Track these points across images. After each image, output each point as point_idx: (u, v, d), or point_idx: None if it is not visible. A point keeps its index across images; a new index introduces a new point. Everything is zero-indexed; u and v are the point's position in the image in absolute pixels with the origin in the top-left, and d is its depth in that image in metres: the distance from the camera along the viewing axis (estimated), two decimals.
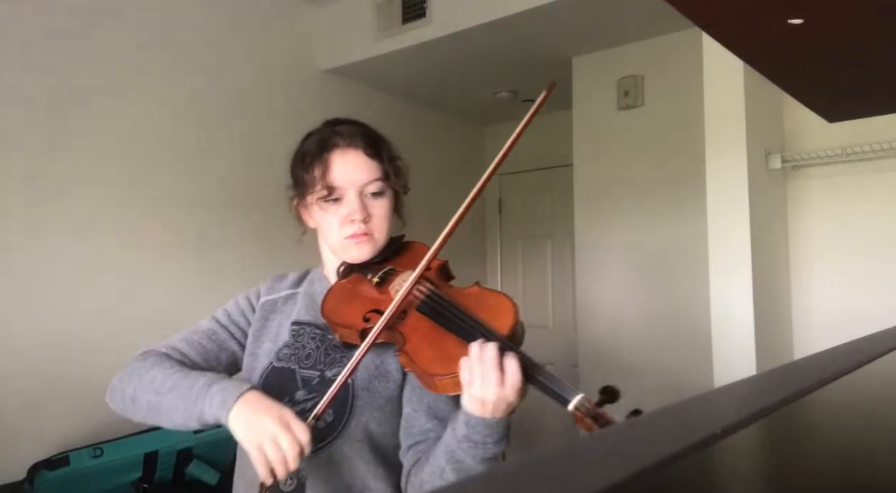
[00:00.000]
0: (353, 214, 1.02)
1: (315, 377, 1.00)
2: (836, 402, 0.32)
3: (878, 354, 0.43)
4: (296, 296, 1.13)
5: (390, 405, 0.98)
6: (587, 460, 0.21)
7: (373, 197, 1.04)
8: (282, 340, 1.06)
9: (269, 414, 0.84)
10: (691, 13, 0.54)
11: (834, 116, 0.95)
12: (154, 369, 0.98)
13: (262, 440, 0.83)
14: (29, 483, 1.87)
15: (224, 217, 2.67)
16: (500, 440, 0.87)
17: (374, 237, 1.04)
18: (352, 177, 1.02)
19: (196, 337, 1.08)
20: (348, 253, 1.05)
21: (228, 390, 0.89)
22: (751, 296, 2.06)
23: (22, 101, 2.11)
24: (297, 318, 1.08)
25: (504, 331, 0.87)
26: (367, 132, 1.07)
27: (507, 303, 0.92)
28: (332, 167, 1.02)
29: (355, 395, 0.97)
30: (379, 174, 1.04)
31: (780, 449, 0.25)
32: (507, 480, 0.20)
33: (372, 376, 0.99)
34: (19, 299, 2.08)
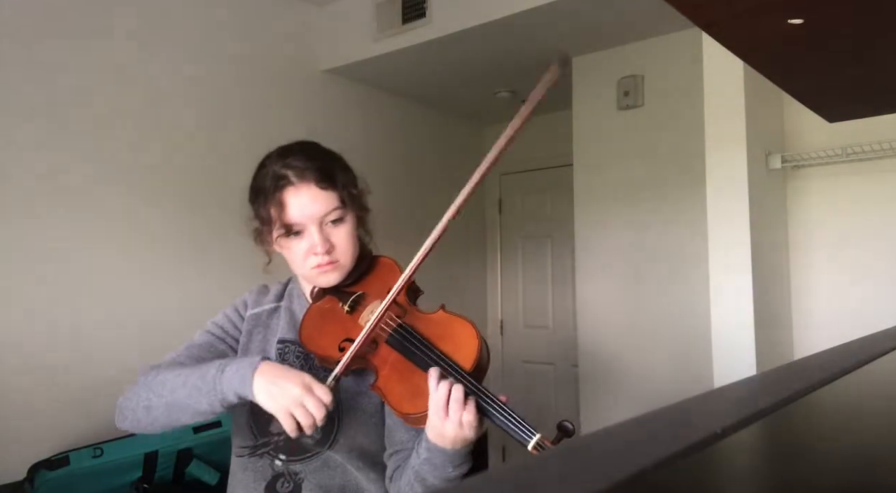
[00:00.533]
0: (314, 248, 1.02)
1: None
2: (836, 402, 0.32)
3: (878, 354, 0.43)
4: (279, 310, 1.14)
5: (374, 419, 1.03)
6: (587, 460, 0.21)
7: (333, 225, 1.04)
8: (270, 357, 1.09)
9: (291, 380, 0.88)
10: (691, 13, 0.54)
11: (834, 116, 0.95)
12: (160, 375, 1.00)
13: (289, 405, 0.87)
14: (29, 483, 1.87)
15: (224, 218, 2.67)
16: (461, 464, 0.92)
17: (339, 264, 1.05)
18: (308, 212, 1.02)
19: (195, 351, 1.10)
20: (317, 281, 1.07)
21: (243, 368, 0.92)
22: (751, 296, 2.06)
23: (21, 102, 2.11)
24: (282, 336, 1.10)
25: (467, 365, 0.91)
26: (318, 164, 1.04)
27: (470, 332, 0.95)
28: (286, 206, 1.02)
29: (340, 415, 1.01)
30: (336, 203, 1.03)
31: (780, 449, 0.25)
32: (507, 480, 0.20)
33: (355, 395, 1.03)
34: (19, 300, 2.08)
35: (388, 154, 3.42)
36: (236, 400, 0.92)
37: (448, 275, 3.83)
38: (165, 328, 2.41)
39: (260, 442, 1.04)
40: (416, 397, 0.91)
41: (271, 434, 1.04)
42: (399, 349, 0.96)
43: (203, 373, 0.95)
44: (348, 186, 1.07)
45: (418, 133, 3.69)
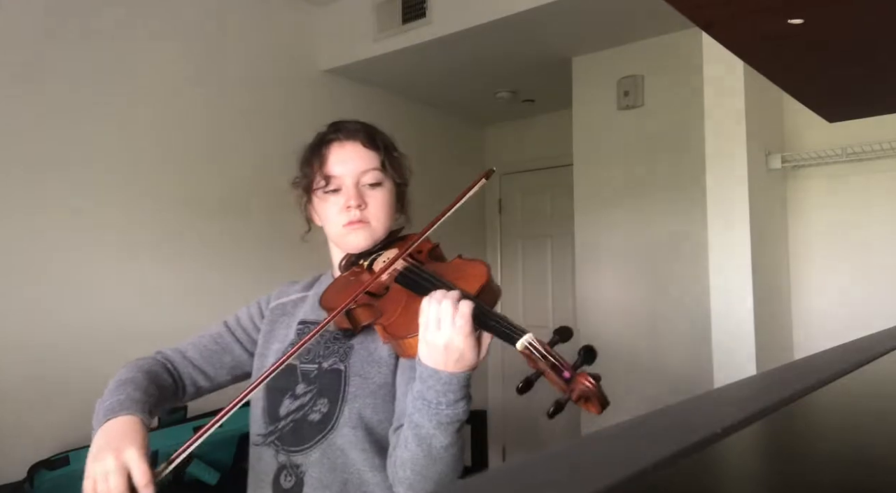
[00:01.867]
0: (348, 201, 1.04)
1: (314, 370, 1.02)
2: (836, 402, 0.32)
3: (878, 354, 0.43)
4: (306, 298, 1.16)
5: (383, 391, 0.98)
6: (587, 460, 0.21)
7: (371, 188, 1.06)
8: (289, 339, 1.09)
9: (114, 450, 0.82)
10: (691, 13, 0.54)
11: (834, 116, 0.95)
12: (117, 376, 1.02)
13: (95, 471, 0.81)
14: (29, 483, 1.87)
15: (225, 218, 2.67)
16: (457, 400, 0.85)
17: (370, 225, 1.06)
18: (348, 166, 1.05)
19: (203, 340, 1.13)
20: (347, 241, 1.07)
21: (103, 414, 0.90)
22: (751, 296, 2.06)
23: (25, 103, 2.11)
24: (304, 317, 1.11)
25: (473, 290, 0.89)
26: (366, 127, 1.10)
27: (480, 266, 0.96)
28: (329, 158, 1.06)
29: (347, 381, 0.98)
30: (376, 164, 1.07)
31: (780, 449, 0.25)
32: (508, 480, 0.20)
33: (364, 362, 1.00)
34: (20, 300, 2.08)
35: None
36: None
37: None
38: (166, 329, 2.41)
39: (270, 429, 1.03)
40: (412, 320, 0.87)
41: (279, 420, 1.02)
42: (405, 284, 0.96)
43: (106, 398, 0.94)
44: (391, 151, 1.10)
45: (418, 133, 3.69)
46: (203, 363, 1.12)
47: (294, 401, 1.01)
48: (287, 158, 1.15)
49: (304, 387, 1.02)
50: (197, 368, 1.11)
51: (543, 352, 0.80)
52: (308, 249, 1.20)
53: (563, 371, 0.78)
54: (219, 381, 1.14)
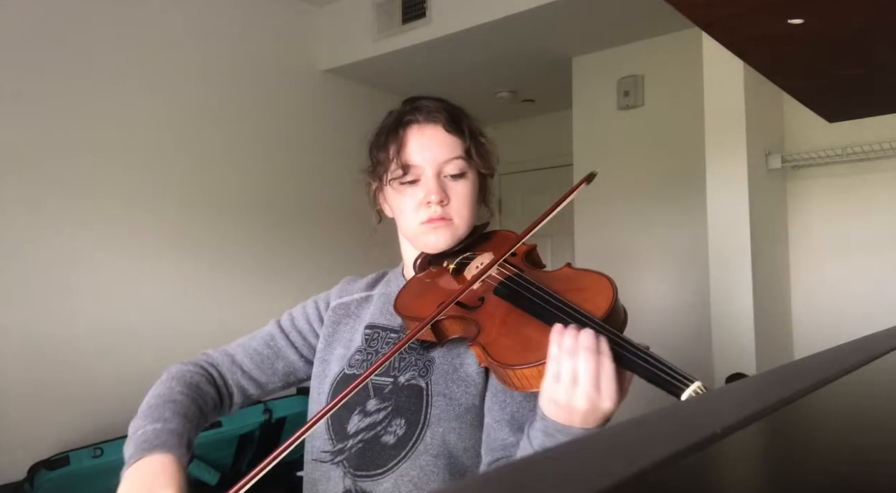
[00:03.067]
0: (428, 195, 0.91)
1: (388, 385, 0.89)
2: (836, 402, 0.32)
3: (878, 354, 0.43)
4: (370, 298, 1.03)
5: (470, 415, 0.84)
6: (587, 460, 0.21)
7: (453, 179, 0.93)
8: (354, 345, 0.97)
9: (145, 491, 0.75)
10: (691, 13, 0.54)
11: (834, 116, 0.95)
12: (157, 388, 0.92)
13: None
14: (29, 483, 1.87)
15: (225, 218, 2.67)
16: None
17: (453, 223, 0.93)
18: (429, 154, 0.92)
19: (254, 343, 1.02)
20: (425, 240, 0.94)
21: (136, 446, 0.82)
22: (751, 296, 2.05)
23: (25, 103, 2.11)
24: (372, 321, 0.98)
25: (598, 313, 0.72)
26: (449, 106, 0.98)
27: (604, 282, 0.78)
28: (407, 144, 0.93)
29: (430, 402, 0.85)
30: (460, 152, 0.94)
31: (780, 449, 0.25)
32: (508, 480, 0.20)
33: (449, 380, 0.86)
34: (20, 300, 2.08)
35: None
36: None
37: None
38: (166, 330, 2.41)
39: (338, 448, 0.90)
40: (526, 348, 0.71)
41: (347, 438, 0.89)
42: (509, 298, 0.78)
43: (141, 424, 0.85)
44: (477, 137, 0.97)
45: None
46: (254, 369, 1.00)
47: (365, 418, 0.88)
48: (288, 157, 1.12)
49: (376, 403, 0.88)
50: (246, 374, 1.00)
51: None
52: (315, 247, 1.16)
53: None
54: (270, 388, 1.03)
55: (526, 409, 0.83)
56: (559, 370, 0.66)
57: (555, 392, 0.67)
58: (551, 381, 0.67)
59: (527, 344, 0.72)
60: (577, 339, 0.67)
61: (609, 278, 0.79)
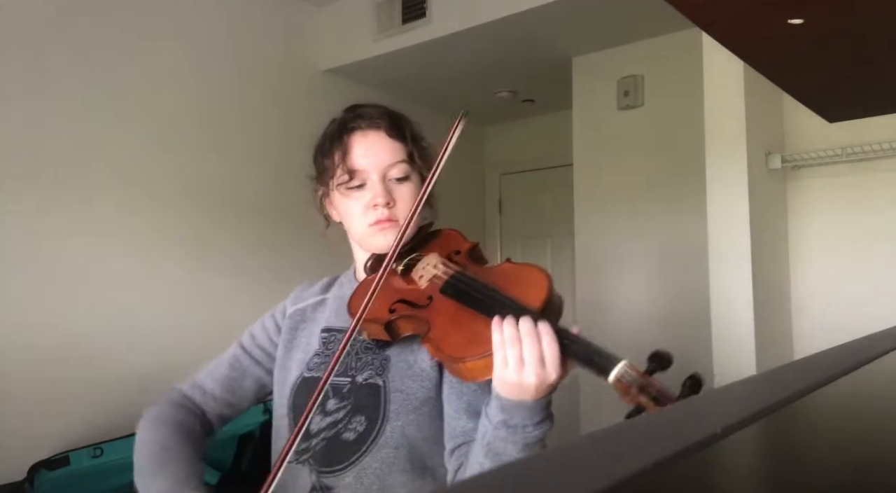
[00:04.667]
0: (375, 199, 0.95)
1: (346, 384, 0.94)
2: (836, 402, 0.32)
3: (878, 354, 0.43)
4: (325, 302, 1.07)
5: (427, 407, 0.90)
6: (587, 460, 0.21)
7: (397, 182, 0.98)
8: (312, 349, 1.01)
9: None
10: (691, 13, 0.54)
11: (834, 116, 0.95)
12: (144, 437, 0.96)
13: None
14: (29, 483, 1.87)
15: (225, 218, 2.67)
16: (543, 420, 0.78)
17: (399, 224, 0.96)
18: (373, 159, 0.96)
19: (221, 369, 1.05)
20: (373, 242, 0.98)
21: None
22: (751, 296, 2.05)
23: (24, 104, 2.11)
24: (328, 324, 1.02)
25: (536, 304, 0.78)
26: (390, 113, 1.01)
27: (539, 274, 0.84)
28: (352, 150, 0.97)
29: (388, 398, 0.90)
30: (403, 156, 0.98)
31: (780, 449, 0.25)
32: (507, 480, 0.20)
33: (404, 376, 0.91)
34: (20, 300, 2.07)
35: None
36: None
37: None
38: (165, 330, 2.41)
39: (302, 447, 0.94)
40: (473, 341, 0.78)
41: (311, 437, 0.93)
42: (455, 296, 0.84)
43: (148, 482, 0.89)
44: (418, 141, 1.01)
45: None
46: (225, 395, 1.04)
47: (326, 418, 0.93)
48: (288, 158, 1.12)
49: (336, 403, 0.93)
50: (219, 401, 1.04)
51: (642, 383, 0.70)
52: (309, 248, 1.17)
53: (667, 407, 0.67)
54: (244, 406, 1.08)
55: (481, 397, 0.88)
56: (506, 355, 0.74)
57: (505, 375, 0.74)
58: (500, 366, 0.74)
59: (474, 338, 0.79)
60: (516, 327, 0.74)
61: (544, 270, 0.85)
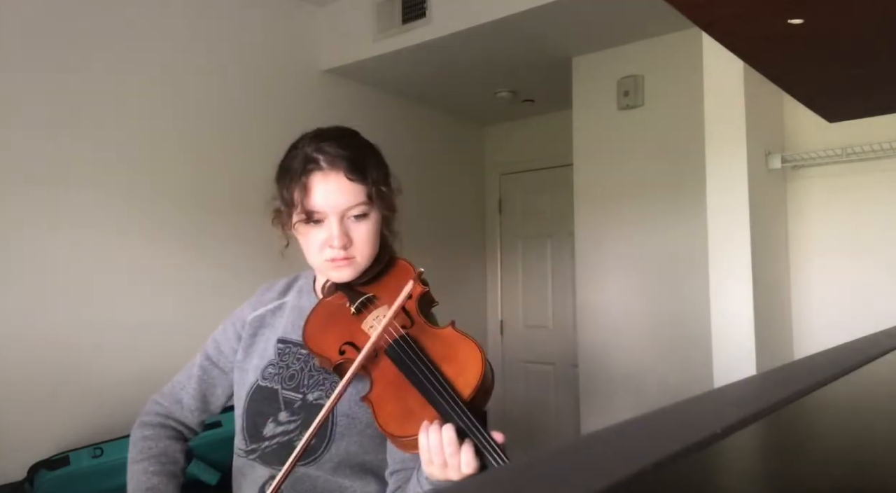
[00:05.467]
0: (331, 240, 0.97)
1: (297, 400, 1.01)
2: (836, 402, 0.32)
3: (878, 354, 0.43)
4: (283, 307, 1.12)
5: (371, 430, 0.97)
6: (587, 460, 0.21)
7: (356, 219, 0.99)
8: (268, 357, 1.06)
9: None
10: (691, 13, 0.54)
11: (834, 116, 0.95)
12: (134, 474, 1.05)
13: None
14: (29, 483, 1.87)
15: (225, 218, 2.67)
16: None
17: (355, 260, 1.00)
18: (332, 202, 0.97)
19: (192, 383, 1.12)
20: (329, 275, 1.03)
21: None
22: (751, 296, 2.06)
23: (23, 103, 2.11)
24: (284, 335, 1.07)
25: (466, 392, 0.85)
26: (351, 154, 0.99)
27: (475, 356, 0.88)
28: (311, 191, 0.97)
29: (335, 422, 0.97)
30: (362, 198, 0.98)
31: (780, 449, 0.25)
32: (508, 480, 0.20)
33: (353, 403, 0.97)
34: (20, 300, 2.08)
35: (388, 154, 3.40)
36: None
37: (448, 275, 3.83)
38: (165, 329, 2.41)
39: (250, 448, 1.03)
40: (405, 419, 0.85)
41: (260, 441, 1.02)
42: (397, 364, 0.90)
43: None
44: (378, 182, 1.01)
45: (418, 133, 3.69)
46: (201, 405, 1.13)
47: (278, 426, 1.00)
48: None
49: (287, 415, 1.00)
50: (196, 411, 1.13)
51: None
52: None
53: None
54: (219, 410, 1.16)
55: None
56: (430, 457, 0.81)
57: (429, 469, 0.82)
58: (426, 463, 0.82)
59: (407, 415, 0.86)
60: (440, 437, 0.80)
61: (482, 352, 0.89)
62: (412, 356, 0.90)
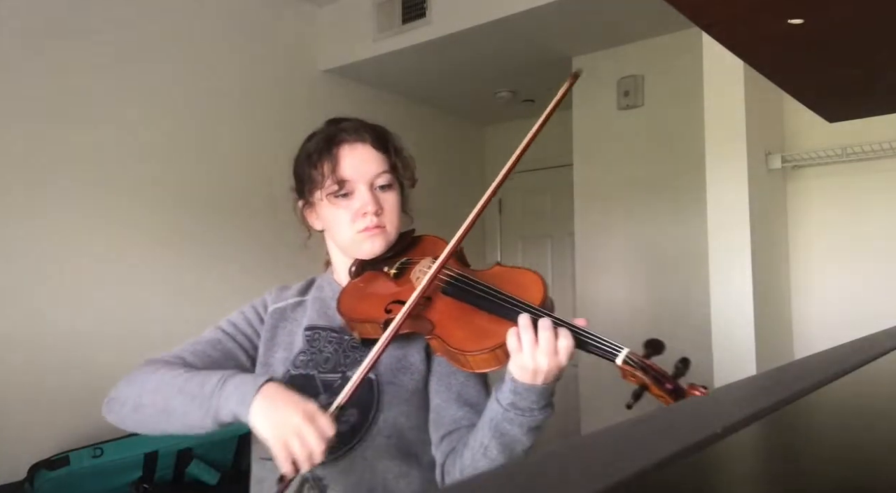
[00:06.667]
0: (364, 207, 1.01)
1: (336, 380, 0.98)
2: (836, 402, 0.32)
3: (878, 354, 0.43)
4: (304, 303, 1.10)
5: (416, 398, 0.97)
6: (587, 460, 0.21)
7: (382, 190, 1.04)
8: (296, 347, 1.04)
9: (293, 407, 0.82)
10: (691, 13, 0.54)
11: (834, 116, 0.95)
12: (159, 372, 0.95)
13: (286, 435, 0.80)
14: (29, 483, 1.87)
15: (224, 218, 2.67)
16: (547, 405, 0.87)
17: (386, 230, 1.03)
18: (361, 169, 1.02)
19: (200, 347, 1.04)
20: (361, 248, 1.03)
21: (246, 385, 0.86)
22: (751, 296, 2.05)
23: (22, 103, 2.11)
24: (311, 323, 1.05)
25: (536, 302, 0.88)
26: (372, 126, 1.07)
27: (534, 276, 0.94)
28: (341, 161, 1.01)
29: (381, 390, 0.95)
30: (387, 166, 1.05)
31: (780, 449, 0.25)
32: (508, 480, 0.20)
33: (395, 370, 0.97)
34: (20, 300, 2.07)
35: None
36: (230, 420, 0.86)
37: None
38: (165, 329, 2.41)
39: None
40: (480, 336, 0.86)
41: None
42: (458, 296, 0.91)
43: (202, 380, 0.89)
44: (400, 152, 1.08)
45: (418, 133, 3.68)
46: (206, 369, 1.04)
47: None
48: (289, 158, 1.12)
49: (326, 398, 0.95)
50: None
51: (643, 365, 0.80)
52: (309, 249, 1.17)
53: (664, 383, 0.79)
54: None
55: (469, 386, 0.98)
56: (524, 345, 0.81)
57: (520, 359, 0.82)
58: (516, 351, 0.82)
59: (481, 333, 0.86)
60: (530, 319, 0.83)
61: (537, 272, 0.95)
62: (473, 284, 0.92)
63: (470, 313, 0.90)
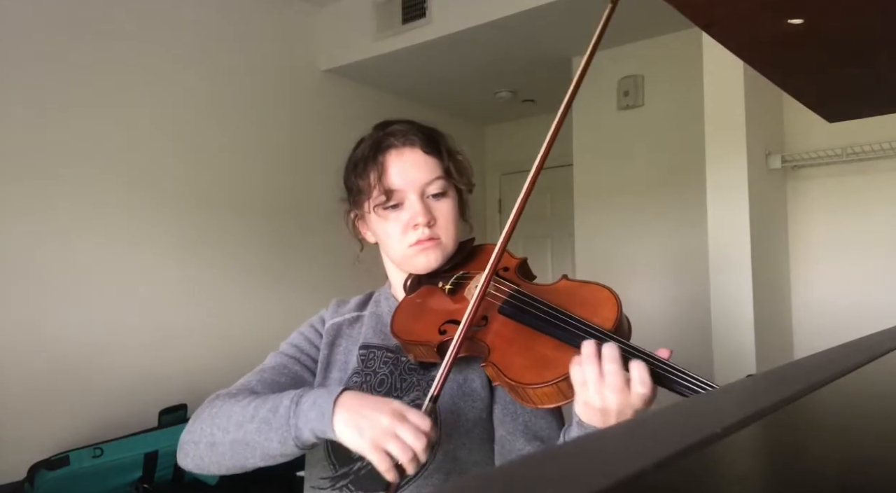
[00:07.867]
0: (415, 218, 0.92)
1: None
2: (836, 402, 0.32)
3: (878, 354, 0.43)
4: (361, 318, 1.03)
5: (479, 428, 0.87)
6: (587, 460, 0.21)
7: (435, 198, 0.95)
8: (351, 367, 0.96)
9: (379, 409, 0.73)
10: (691, 13, 0.54)
11: (834, 116, 0.95)
12: (226, 405, 0.86)
13: (380, 439, 0.71)
14: (29, 483, 1.87)
15: (225, 218, 2.67)
16: None
17: (441, 242, 0.94)
18: (410, 177, 0.93)
19: (266, 375, 0.96)
20: (414, 263, 0.95)
21: (321, 399, 0.78)
22: (751, 296, 2.05)
23: (26, 104, 2.11)
24: (365, 341, 0.98)
25: (608, 325, 0.75)
26: (422, 128, 0.98)
27: (606, 293, 0.80)
28: (388, 169, 0.93)
29: (439, 419, 0.84)
30: (439, 172, 0.95)
31: (780, 449, 0.25)
32: (507, 480, 0.20)
33: (455, 397, 0.87)
34: (20, 300, 2.08)
35: None
36: (314, 439, 0.77)
37: None
38: (166, 329, 2.41)
39: (340, 473, 0.88)
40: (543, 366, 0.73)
41: (352, 462, 0.88)
42: (516, 317, 0.80)
43: (275, 404, 0.81)
44: (453, 155, 0.98)
45: None
46: None
47: None
48: (290, 158, 1.11)
49: None
50: None
51: None
52: (309, 249, 1.15)
53: None
54: None
55: (537, 417, 0.86)
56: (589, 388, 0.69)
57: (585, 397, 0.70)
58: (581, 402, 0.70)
59: (542, 362, 0.74)
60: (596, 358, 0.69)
61: (610, 289, 0.81)
62: (533, 304, 0.80)
63: (530, 337, 0.78)
